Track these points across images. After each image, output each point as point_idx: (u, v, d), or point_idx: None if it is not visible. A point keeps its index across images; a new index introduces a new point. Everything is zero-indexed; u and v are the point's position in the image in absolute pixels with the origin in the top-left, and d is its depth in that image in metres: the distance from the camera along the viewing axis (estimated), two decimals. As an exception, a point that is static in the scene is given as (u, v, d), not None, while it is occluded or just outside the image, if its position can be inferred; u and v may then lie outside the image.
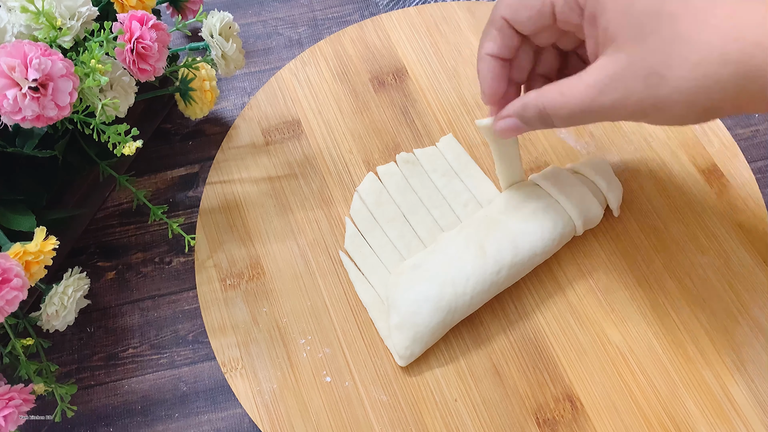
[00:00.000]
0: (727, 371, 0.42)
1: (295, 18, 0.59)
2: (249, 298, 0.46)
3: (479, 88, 0.39)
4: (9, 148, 0.40)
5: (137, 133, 0.38)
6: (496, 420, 0.41)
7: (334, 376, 0.43)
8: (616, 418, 0.41)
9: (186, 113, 0.49)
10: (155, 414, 0.43)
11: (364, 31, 0.56)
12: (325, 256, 0.47)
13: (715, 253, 0.46)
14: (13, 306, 0.34)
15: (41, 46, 0.34)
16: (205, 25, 0.46)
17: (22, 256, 0.36)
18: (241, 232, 0.48)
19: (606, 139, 0.51)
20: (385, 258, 0.46)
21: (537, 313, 0.45)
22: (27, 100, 0.34)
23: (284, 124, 0.52)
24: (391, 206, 0.48)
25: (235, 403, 0.43)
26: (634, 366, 0.43)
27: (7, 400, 0.36)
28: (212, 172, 0.51)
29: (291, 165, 0.51)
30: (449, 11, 0.57)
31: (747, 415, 0.41)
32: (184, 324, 0.46)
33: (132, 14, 0.39)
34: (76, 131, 0.42)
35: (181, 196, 0.51)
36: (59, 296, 0.39)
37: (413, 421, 0.41)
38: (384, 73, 0.54)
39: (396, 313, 0.42)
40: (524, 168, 0.50)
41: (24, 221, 0.40)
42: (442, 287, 0.42)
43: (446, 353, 0.43)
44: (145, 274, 0.48)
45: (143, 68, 0.40)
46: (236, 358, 0.44)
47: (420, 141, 0.51)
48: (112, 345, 0.46)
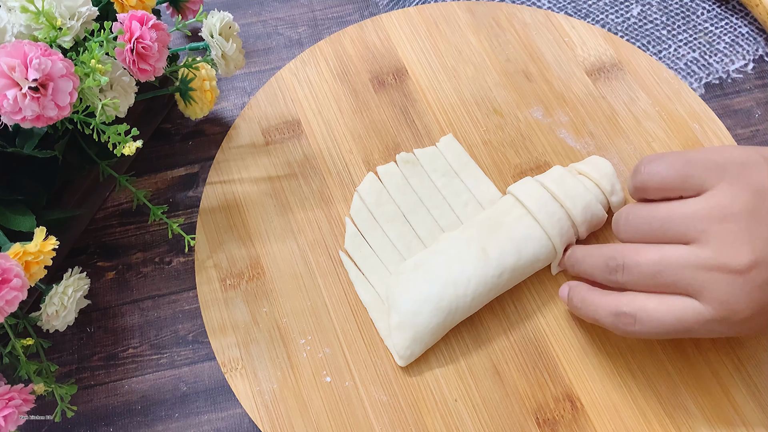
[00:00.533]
0: (727, 371, 0.42)
1: (295, 18, 0.59)
2: (249, 298, 0.46)
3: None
4: (9, 148, 0.40)
5: (137, 133, 0.38)
6: (496, 420, 0.41)
7: (334, 376, 0.43)
8: (616, 418, 0.41)
9: (186, 113, 0.49)
10: (155, 414, 0.43)
11: (364, 31, 0.56)
12: (325, 256, 0.47)
13: (715, 253, 0.46)
14: (13, 306, 0.34)
15: (41, 46, 0.34)
16: (205, 25, 0.46)
17: (22, 256, 0.36)
18: (241, 232, 0.48)
19: (606, 139, 0.51)
20: (385, 258, 0.46)
21: (537, 313, 0.45)
22: (27, 100, 0.34)
23: (284, 124, 0.52)
24: (391, 206, 0.48)
25: (235, 403, 0.43)
26: (634, 366, 0.43)
27: (7, 400, 0.36)
28: (212, 172, 0.51)
29: (291, 165, 0.51)
30: (449, 11, 0.57)
31: (747, 415, 0.41)
32: (184, 324, 0.46)
33: (132, 14, 0.39)
34: (76, 131, 0.42)
35: (181, 196, 0.51)
36: (59, 296, 0.39)
37: (413, 421, 0.41)
38: (384, 73, 0.54)
39: (396, 313, 0.42)
40: (524, 168, 0.50)
41: (24, 221, 0.40)
42: (443, 288, 0.42)
43: (446, 353, 0.43)
44: (145, 274, 0.48)
45: (143, 68, 0.40)
46: (236, 358, 0.44)
47: (420, 141, 0.51)
48: (112, 345, 0.46)
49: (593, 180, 0.45)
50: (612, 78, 0.54)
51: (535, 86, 0.53)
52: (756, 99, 0.54)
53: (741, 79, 0.55)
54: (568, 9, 0.59)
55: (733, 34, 0.57)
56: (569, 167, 0.47)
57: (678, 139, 0.50)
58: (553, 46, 0.55)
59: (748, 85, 0.54)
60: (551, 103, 0.52)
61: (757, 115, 0.53)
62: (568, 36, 0.56)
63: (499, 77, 0.54)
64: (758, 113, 0.53)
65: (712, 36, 0.57)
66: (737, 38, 0.57)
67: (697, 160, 0.35)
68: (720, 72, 0.55)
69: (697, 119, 0.51)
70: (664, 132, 0.51)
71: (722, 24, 0.58)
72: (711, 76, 0.55)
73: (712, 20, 0.58)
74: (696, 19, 0.58)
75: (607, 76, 0.54)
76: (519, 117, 0.52)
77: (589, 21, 0.58)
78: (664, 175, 0.36)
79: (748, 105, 0.53)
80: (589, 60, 0.54)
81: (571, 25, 0.56)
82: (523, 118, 0.52)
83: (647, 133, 0.51)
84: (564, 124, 0.52)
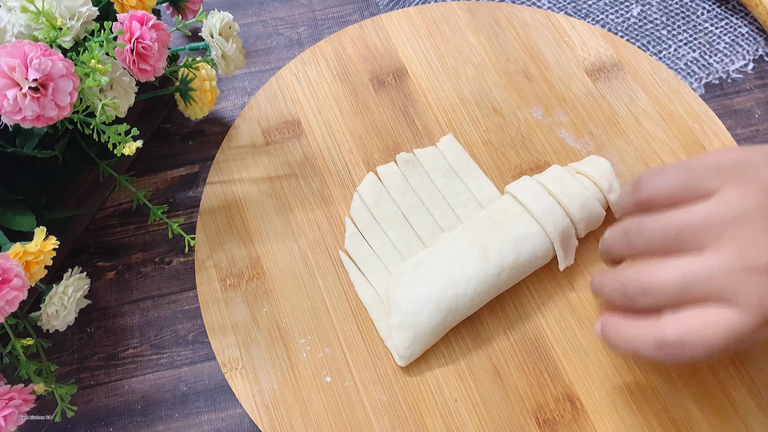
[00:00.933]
0: (727, 371, 0.42)
1: (295, 18, 0.59)
2: (249, 298, 0.46)
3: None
4: (9, 148, 0.40)
5: (137, 133, 0.38)
6: (496, 420, 0.41)
7: (334, 376, 0.43)
8: (617, 418, 0.41)
9: (186, 113, 0.49)
10: (155, 414, 0.43)
11: (364, 31, 0.56)
12: (325, 256, 0.47)
13: (715, 253, 0.46)
14: (13, 306, 0.34)
15: (41, 46, 0.34)
16: (205, 25, 0.46)
17: (22, 256, 0.36)
18: (241, 232, 0.48)
19: (606, 139, 0.51)
20: (386, 258, 0.46)
21: (537, 313, 0.45)
22: (27, 100, 0.34)
23: (284, 124, 0.52)
24: (391, 206, 0.48)
25: (235, 403, 0.43)
26: (634, 366, 0.43)
27: (7, 400, 0.36)
28: (212, 172, 0.51)
29: (291, 165, 0.51)
30: (449, 11, 0.57)
31: (747, 415, 0.41)
32: (184, 324, 0.46)
33: (132, 14, 0.39)
34: (76, 131, 0.42)
35: (181, 196, 0.51)
36: (59, 296, 0.39)
37: (413, 421, 0.41)
38: (384, 73, 0.54)
39: (397, 313, 0.42)
40: (524, 168, 0.50)
41: (24, 221, 0.40)
42: (443, 288, 0.42)
43: (446, 353, 0.43)
44: (145, 274, 0.48)
45: (143, 68, 0.40)
46: (236, 358, 0.44)
47: (420, 141, 0.51)
48: (112, 345, 0.46)
49: (591, 178, 0.45)
50: (612, 78, 0.54)
51: (535, 86, 0.53)
52: (756, 99, 0.54)
53: (741, 79, 0.55)
54: (568, 9, 0.59)
55: (733, 34, 0.57)
56: (568, 166, 0.47)
57: (678, 139, 0.50)
58: (553, 46, 0.55)
59: (748, 85, 0.54)
60: (551, 103, 0.52)
61: (757, 115, 0.53)
62: (568, 36, 0.56)
63: (499, 77, 0.54)
64: (758, 113, 0.53)
65: (712, 36, 0.57)
66: (737, 38, 0.57)
67: (699, 167, 0.35)
68: (720, 72, 0.55)
69: (697, 119, 0.51)
70: (664, 132, 0.51)
71: (722, 24, 0.58)
72: (711, 76, 0.55)
73: (712, 20, 0.58)
74: (696, 19, 0.58)
75: (607, 76, 0.54)
76: (519, 117, 0.52)
77: (589, 21, 0.58)
78: (672, 187, 0.35)
79: (748, 105, 0.53)
80: (589, 60, 0.54)
81: (571, 25, 0.56)
82: (523, 118, 0.52)
83: (647, 133, 0.51)
84: (564, 124, 0.52)
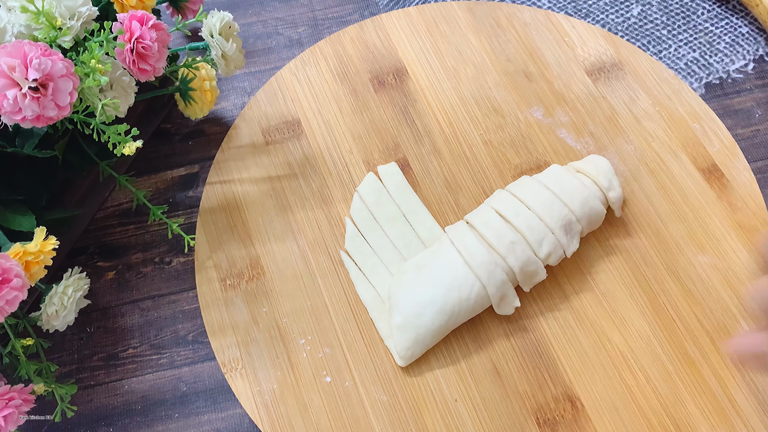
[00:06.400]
0: (727, 371, 0.42)
1: (295, 18, 0.59)
2: (249, 298, 0.46)
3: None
4: (9, 148, 0.40)
5: (137, 133, 0.38)
6: (496, 420, 0.41)
7: (334, 376, 0.43)
8: (617, 418, 0.41)
9: (186, 113, 0.49)
10: (155, 414, 0.43)
11: (364, 31, 0.56)
12: (325, 256, 0.47)
13: (715, 253, 0.46)
14: (13, 306, 0.34)
15: (41, 46, 0.34)
16: (205, 25, 0.46)
17: (22, 256, 0.36)
18: (241, 232, 0.48)
19: (606, 139, 0.51)
20: (386, 258, 0.46)
21: (537, 313, 0.45)
22: (27, 100, 0.34)
23: (284, 124, 0.52)
24: (391, 206, 0.48)
25: (235, 403, 0.43)
26: (634, 366, 0.43)
27: (7, 400, 0.36)
28: (212, 172, 0.51)
29: (291, 165, 0.51)
30: (449, 11, 0.57)
31: (747, 415, 0.41)
32: (184, 324, 0.46)
33: (132, 14, 0.39)
34: (76, 131, 0.42)
35: (181, 196, 0.51)
36: (59, 296, 0.39)
37: (413, 421, 0.41)
38: (384, 73, 0.54)
39: (398, 313, 0.42)
40: (524, 168, 0.50)
41: (24, 221, 0.40)
42: (447, 291, 0.42)
43: (447, 353, 0.43)
44: (145, 274, 0.48)
45: (143, 68, 0.40)
46: (236, 358, 0.44)
47: (420, 141, 0.51)
48: (112, 345, 0.46)
49: (591, 177, 0.45)
50: (612, 78, 0.54)
51: (535, 86, 0.53)
52: (756, 99, 0.54)
53: (741, 79, 0.55)
54: (568, 9, 0.59)
55: (734, 34, 0.57)
56: (567, 166, 0.47)
57: (678, 139, 0.50)
58: (553, 45, 0.55)
59: (748, 85, 0.54)
60: (551, 103, 0.52)
61: (757, 115, 0.53)
62: (568, 36, 0.56)
63: (499, 77, 0.54)
64: (758, 113, 0.53)
65: (712, 36, 0.57)
66: (737, 38, 0.57)
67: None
68: (720, 72, 0.55)
69: (697, 119, 0.51)
70: (664, 131, 0.51)
71: (722, 24, 0.58)
72: (711, 76, 0.55)
73: (712, 20, 0.58)
74: (696, 19, 0.58)
75: (607, 76, 0.54)
76: (519, 117, 0.52)
77: (589, 21, 0.58)
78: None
79: (748, 105, 0.53)
80: (589, 60, 0.54)
81: (571, 25, 0.56)
82: (523, 118, 0.52)
83: (647, 133, 0.51)
84: (564, 123, 0.52)
